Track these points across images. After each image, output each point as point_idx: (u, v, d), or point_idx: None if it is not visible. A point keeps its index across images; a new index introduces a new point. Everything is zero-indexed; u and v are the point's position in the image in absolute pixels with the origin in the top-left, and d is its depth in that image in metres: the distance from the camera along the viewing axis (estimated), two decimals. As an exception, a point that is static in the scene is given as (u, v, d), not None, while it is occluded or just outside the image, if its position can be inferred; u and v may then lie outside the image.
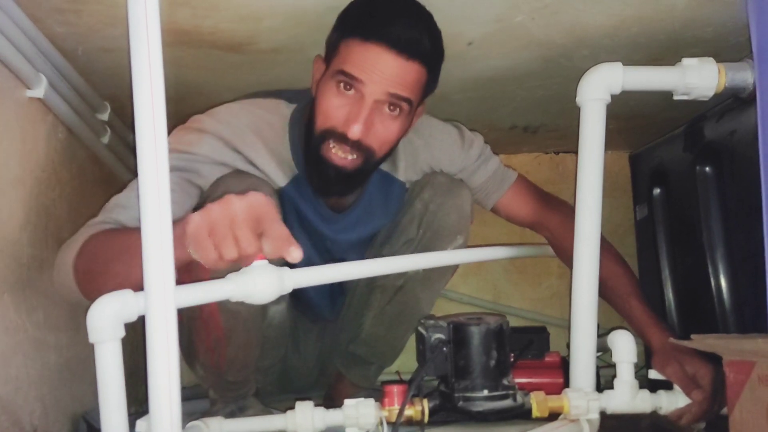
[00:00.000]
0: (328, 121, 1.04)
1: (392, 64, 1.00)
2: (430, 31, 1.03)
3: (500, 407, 0.95)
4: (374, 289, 1.28)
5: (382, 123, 1.04)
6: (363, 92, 1.01)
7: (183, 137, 1.07)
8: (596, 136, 1.02)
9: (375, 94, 1.01)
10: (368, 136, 1.03)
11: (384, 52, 0.99)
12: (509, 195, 1.28)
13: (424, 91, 1.07)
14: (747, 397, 0.84)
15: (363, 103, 1.01)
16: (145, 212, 0.70)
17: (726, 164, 1.34)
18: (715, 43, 1.15)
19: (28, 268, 1.05)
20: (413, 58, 1.00)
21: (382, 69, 1.00)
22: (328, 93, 1.04)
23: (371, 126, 1.03)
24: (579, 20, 1.08)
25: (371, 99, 1.01)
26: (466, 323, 0.97)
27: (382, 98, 1.02)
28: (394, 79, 1.00)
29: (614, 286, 1.14)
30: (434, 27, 1.04)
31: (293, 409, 0.96)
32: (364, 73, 1.00)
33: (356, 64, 1.00)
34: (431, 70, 1.05)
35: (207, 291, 0.80)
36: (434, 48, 1.04)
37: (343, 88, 1.02)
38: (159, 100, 0.69)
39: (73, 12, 1.01)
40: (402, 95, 1.02)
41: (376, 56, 0.99)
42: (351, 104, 1.02)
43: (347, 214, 1.21)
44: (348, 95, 1.02)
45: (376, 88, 1.00)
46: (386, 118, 1.04)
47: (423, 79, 1.04)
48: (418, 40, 1.01)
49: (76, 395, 1.22)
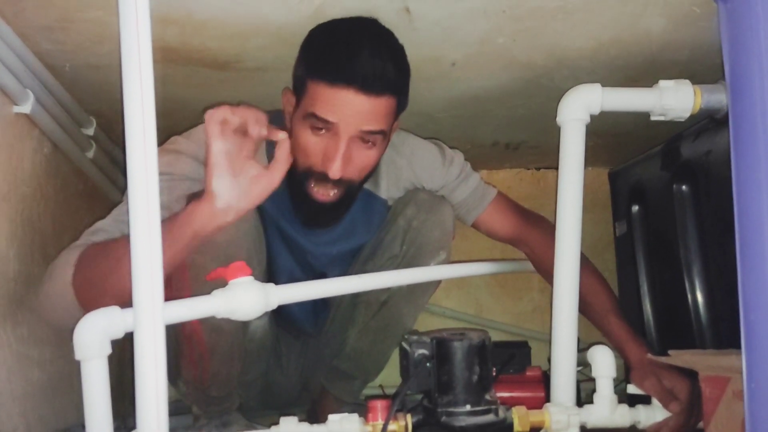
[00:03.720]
0: (307, 159, 1.05)
1: (362, 104, 1.00)
2: (392, 56, 1.03)
3: (482, 422, 0.96)
4: (358, 304, 1.29)
5: (358, 154, 1.05)
6: (337, 131, 1.02)
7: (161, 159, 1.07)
8: (576, 154, 1.04)
9: (349, 132, 1.01)
10: (347, 170, 1.04)
11: (352, 94, 0.99)
12: (489, 211, 1.29)
13: (395, 114, 1.08)
14: (722, 412, 0.86)
15: (338, 140, 1.02)
16: (135, 228, 0.70)
17: (702, 183, 1.37)
18: (691, 65, 1.18)
19: (14, 282, 1.05)
20: (382, 92, 1.01)
21: (353, 109, 1.00)
22: (302, 132, 1.04)
23: (349, 161, 1.03)
24: (559, 43, 1.11)
25: (345, 137, 1.02)
26: (450, 338, 0.98)
27: (356, 134, 1.02)
28: (365, 117, 1.01)
29: (593, 302, 1.16)
30: (395, 46, 1.04)
31: (277, 425, 0.97)
32: (335, 116, 1.00)
33: (326, 108, 1.00)
34: (401, 94, 1.06)
35: (194, 307, 0.80)
36: (400, 72, 1.04)
37: (316, 129, 1.03)
38: (150, 117, 0.71)
39: (61, 29, 1.02)
40: (375, 130, 1.03)
41: (345, 98, 0.99)
42: (326, 142, 1.03)
43: (329, 230, 1.22)
44: (321, 134, 1.03)
45: (350, 128, 1.01)
46: (362, 148, 1.05)
47: (393, 106, 1.05)
48: (384, 73, 1.00)
49: (59, 411, 1.21)
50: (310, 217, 1.13)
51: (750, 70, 0.72)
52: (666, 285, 1.56)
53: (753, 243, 0.68)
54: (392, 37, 1.04)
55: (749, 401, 0.66)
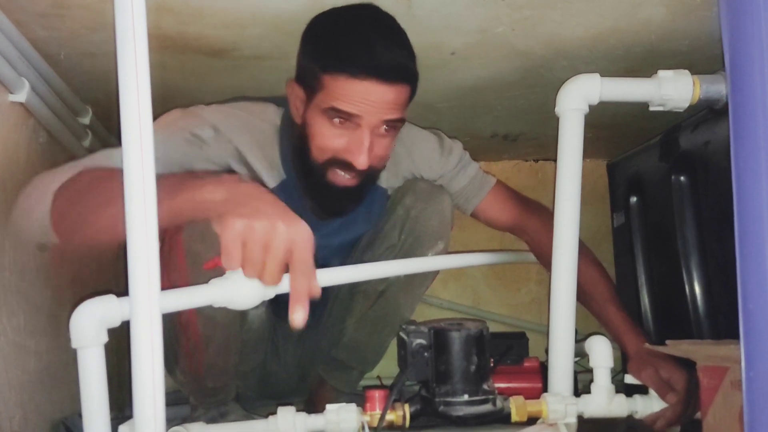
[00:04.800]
0: (327, 152, 1.06)
1: (384, 94, 1.01)
2: (404, 43, 1.04)
3: (480, 412, 0.96)
4: (356, 294, 1.29)
5: (379, 144, 1.06)
6: (360, 123, 1.03)
7: (185, 119, 1.08)
8: (575, 144, 1.04)
9: (372, 124, 1.03)
10: (372, 160, 1.06)
11: (374, 85, 1.00)
12: (488, 200, 1.29)
13: (410, 101, 1.09)
14: (720, 402, 0.86)
15: (362, 132, 1.03)
16: (131, 216, 0.70)
17: (700, 174, 1.37)
18: (691, 55, 1.17)
19: (8, 272, 1.04)
20: (400, 81, 1.02)
21: (375, 100, 1.01)
22: (322, 126, 1.05)
23: (371, 150, 1.05)
24: (558, 32, 1.10)
25: (368, 128, 1.03)
26: (447, 329, 0.98)
27: (378, 125, 1.04)
28: (388, 107, 1.02)
29: (592, 291, 1.16)
30: (404, 36, 1.05)
31: (275, 415, 0.97)
32: (358, 108, 1.01)
33: (349, 101, 1.01)
34: (414, 81, 1.07)
35: (192, 296, 0.80)
36: (412, 58, 1.06)
37: (338, 122, 1.03)
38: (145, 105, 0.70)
39: (56, 16, 1.01)
40: (396, 118, 1.05)
41: (367, 90, 1.00)
42: (349, 134, 1.04)
43: (331, 221, 1.22)
44: (343, 126, 1.04)
45: (373, 119, 1.02)
46: (382, 137, 1.06)
47: (409, 94, 1.06)
48: (400, 61, 1.02)
49: (55, 401, 1.21)
50: (328, 205, 1.13)
51: (750, 59, 0.72)
52: (663, 276, 1.56)
53: (752, 232, 0.68)
54: (396, 23, 1.04)
55: (747, 390, 0.66)
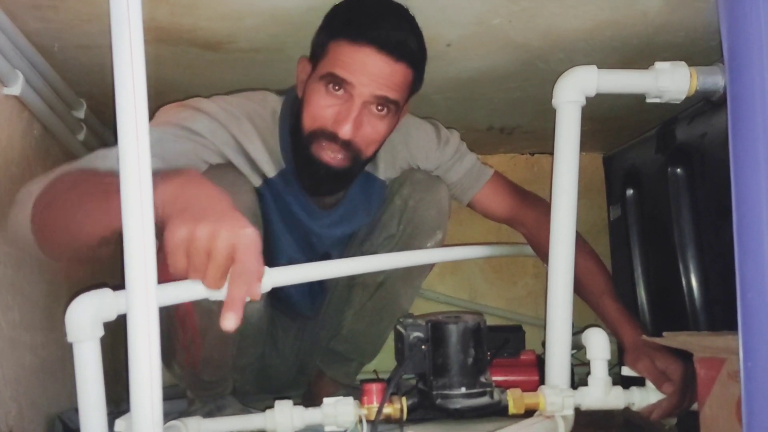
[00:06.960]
0: (317, 121, 1.05)
1: (381, 66, 1.01)
2: (414, 33, 1.05)
3: (478, 404, 0.96)
4: (355, 285, 1.29)
5: (370, 123, 1.05)
6: (352, 93, 1.02)
7: (179, 113, 1.07)
8: (571, 137, 1.04)
9: (364, 96, 1.02)
10: (357, 137, 1.05)
11: (373, 53, 1.00)
12: (485, 191, 1.29)
13: (410, 91, 1.09)
14: (717, 394, 0.86)
15: (352, 103, 1.03)
16: (127, 209, 0.69)
17: (697, 166, 1.37)
18: (687, 47, 1.17)
19: (3, 265, 1.04)
20: (401, 59, 1.02)
21: (371, 71, 1.01)
22: (316, 94, 1.05)
23: (360, 126, 1.04)
24: (555, 24, 1.10)
25: (360, 100, 1.02)
26: (445, 322, 0.98)
27: (370, 100, 1.03)
28: (382, 81, 1.02)
29: (588, 283, 1.16)
30: (417, 28, 1.06)
31: (272, 408, 0.96)
32: (353, 76, 1.01)
33: (345, 67, 1.01)
34: (417, 71, 1.07)
35: (188, 289, 0.79)
36: (419, 49, 1.06)
37: (332, 89, 1.03)
38: (141, 99, 0.69)
39: (50, 8, 1.00)
40: (390, 97, 1.04)
41: (365, 58, 1.00)
42: (340, 104, 1.03)
43: (332, 211, 1.22)
44: (337, 95, 1.03)
45: (365, 90, 1.02)
46: (374, 118, 1.05)
47: (409, 80, 1.06)
48: (405, 42, 1.02)
49: (51, 395, 1.20)
50: (315, 180, 1.11)
51: (749, 49, 0.72)
52: (660, 268, 1.56)
53: (751, 223, 0.68)
54: (408, 11, 1.05)
55: (746, 380, 0.66)
